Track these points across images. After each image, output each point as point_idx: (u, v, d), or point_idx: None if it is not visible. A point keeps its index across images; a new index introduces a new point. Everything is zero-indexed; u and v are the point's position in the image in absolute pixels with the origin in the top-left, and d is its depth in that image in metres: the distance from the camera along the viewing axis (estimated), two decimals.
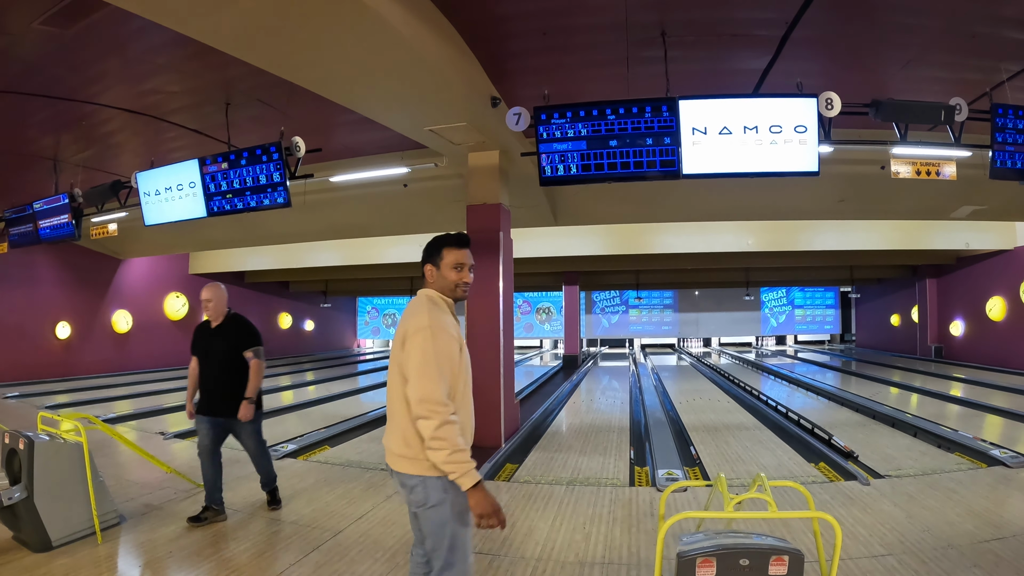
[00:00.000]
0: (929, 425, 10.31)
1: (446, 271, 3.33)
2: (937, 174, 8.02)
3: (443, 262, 3.34)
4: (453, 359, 3.17)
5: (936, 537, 5.43)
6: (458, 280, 3.34)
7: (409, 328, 3.15)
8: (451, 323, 3.28)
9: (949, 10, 7.11)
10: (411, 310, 3.28)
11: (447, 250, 3.35)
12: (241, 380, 6.19)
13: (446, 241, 3.38)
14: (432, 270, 3.37)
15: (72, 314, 19.54)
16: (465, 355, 3.32)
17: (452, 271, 3.33)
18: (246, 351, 6.32)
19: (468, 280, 3.38)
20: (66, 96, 9.30)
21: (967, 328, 22.71)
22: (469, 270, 3.39)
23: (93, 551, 5.24)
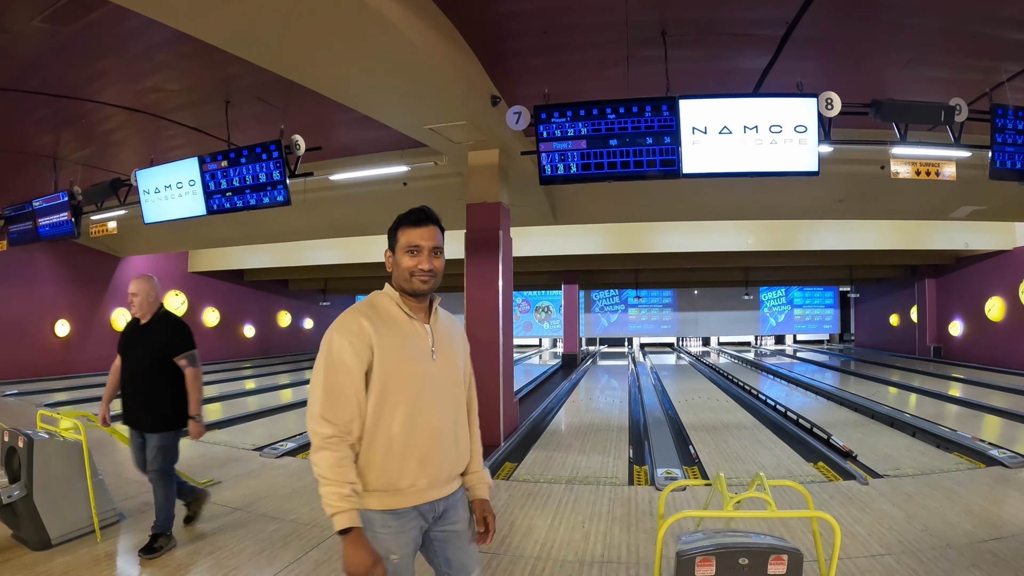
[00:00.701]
0: (928, 425, 10.31)
1: (400, 256, 2.70)
2: (937, 174, 8.02)
3: (398, 245, 2.73)
4: (350, 373, 2.45)
5: (934, 537, 5.43)
6: (412, 267, 2.67)
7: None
8: (377, 329, 2.55)
9: (949, 10, 7.11)
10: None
11: (401, 230, 2.74)
12: (162, 390, 5.33)
13: (401, 219, 2.78)
14: (389, 257, 2.79)
15: (71, 312, 19.54)
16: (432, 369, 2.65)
17: (406, 255, 2.69)
18: (178, 357, 5.43)
19: (426, 267, 2.67)
20: (66, 94, 9.31)
21: (966, 328, 22.71)
22: (430, 254, 2.70)
23: (92, 549, 5.24)
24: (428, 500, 2.60)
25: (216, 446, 9.26)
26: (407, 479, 2.53)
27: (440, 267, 2.76)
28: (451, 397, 2.75)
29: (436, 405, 2.63)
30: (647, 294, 36.12)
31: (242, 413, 12.45)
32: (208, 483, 7.15)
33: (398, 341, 2.59)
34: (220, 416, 12.22)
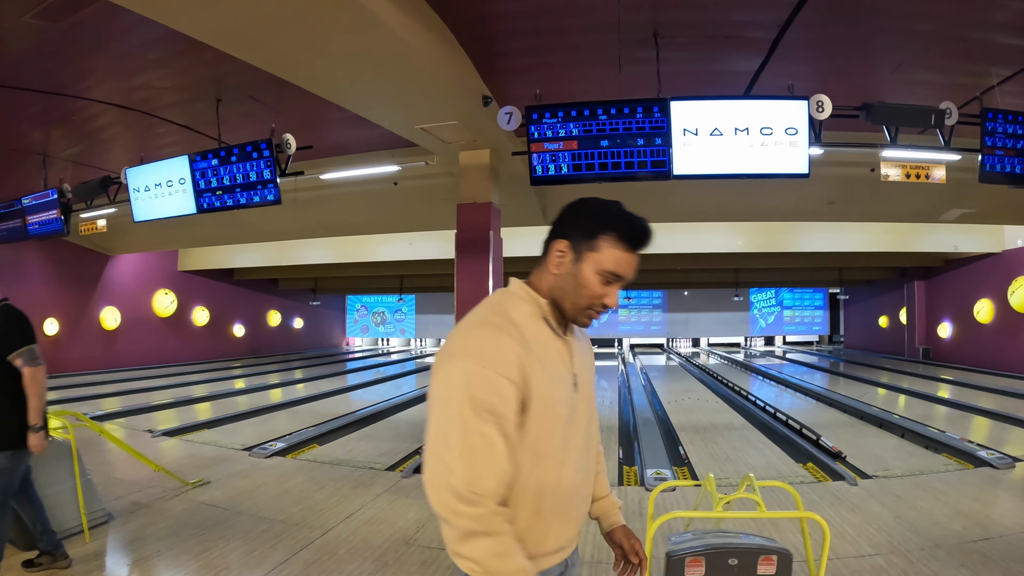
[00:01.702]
0: (917, 426, 10.35)
1: (589, 273, 1.92)
2: (927, 177, 8.05)
3: (594, 256, 1.92)
4: (501, 421, 1.74)
5: (923, 537, 5.46)
6: (597, 297, 1.94)
7: (439, 353, 1.85)
8: (528, 355, 1.82)
9: (940, 14, 7.14)
10: (479, 306, 1.99)
11: (608, 242, 1.92)
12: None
13: (617, 225, 1.93)
14: (566, 254, 1.95)
15: (60, 310, 19.43)
16: (575, 401, 1.99)
17: (597, 277, 1.92)
18: (12, 355, 4.62)
19: (612, 304, 1.99)
20: (56, 91, 9.26)
21: (955, 330, 22.80)
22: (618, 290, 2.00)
23: (81, 549, 5.22)
24: (563, 559, 2.03)
25: (205, 446, 9.25)
26: (552, 542, 1.96)
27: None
28: (593, 435, 2.17)
29: (580, 448, 2.02)
30: (637, 295, 36.14)
31: (231, 413, 12.42)
32: (197, 483, 7.13)
33: (550, 370, 1.90)
34: (209, 416, 12.19)
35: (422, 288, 31.15)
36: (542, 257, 2.05)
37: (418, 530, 5.77)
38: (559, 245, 1.97)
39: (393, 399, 14.89)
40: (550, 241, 2.00)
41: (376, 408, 13.27)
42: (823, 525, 3.06)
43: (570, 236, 1.95)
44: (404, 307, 38.18)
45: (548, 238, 2.01)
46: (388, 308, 38.59)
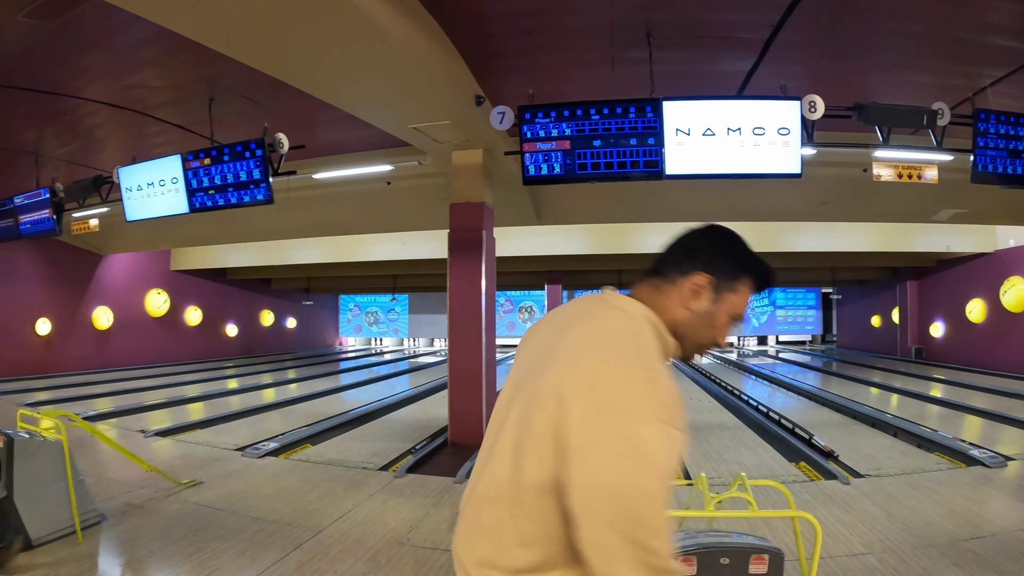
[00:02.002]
0: (909, 425, 10.38)
1: (724, 315, 1.78)
2: (919, 177, 8.09)
3: (733, 298, 1.77)
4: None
5: (916, 536, 5.47)
6: (721, 334, 1.80)
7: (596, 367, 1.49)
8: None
9: (933, 15, 7.16)
10: (601, 326, 1.61)
11: (746, 284, 1.80)
12: None
13: (758, 268, 1.82)
14: (706, 290, 1.74)
15: (53, 310, 19.36)
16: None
17: (728, 317, 1.78)
18: None
19: (722, 346, 2.01)
20: (49, 89, 9.23)
21: (947, 330, 22.88)
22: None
23: (74, 550, 5.20)
24: None
25: (198, 446, 9.23)
26: None
27: None
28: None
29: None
30: None
31: (224, 413, 12.39)
32: (190, 483, 7.11)
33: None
34: (202, 416, 12.16)
35: (415, 288, 31.15)
36: (662, 282, 1.77)
37: (411, 530, 5.76)
38: (699, 279, 1.73)
39: (386, 399, 14.88)
40: (685, 271, 1.74)
41: (369, 408, 13.26)
42: (815, 524, 3.07)
43: (714, 272, 1.74)
44: (397, 307, 38.19)
45: (680, 266, 1.75)
46: (381, 308, 38.60)
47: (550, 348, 1.61)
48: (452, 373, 10.08)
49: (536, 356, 1.65)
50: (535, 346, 1.72)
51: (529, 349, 1.75)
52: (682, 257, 1.77)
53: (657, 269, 1.79)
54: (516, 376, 1.70)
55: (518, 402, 1.58)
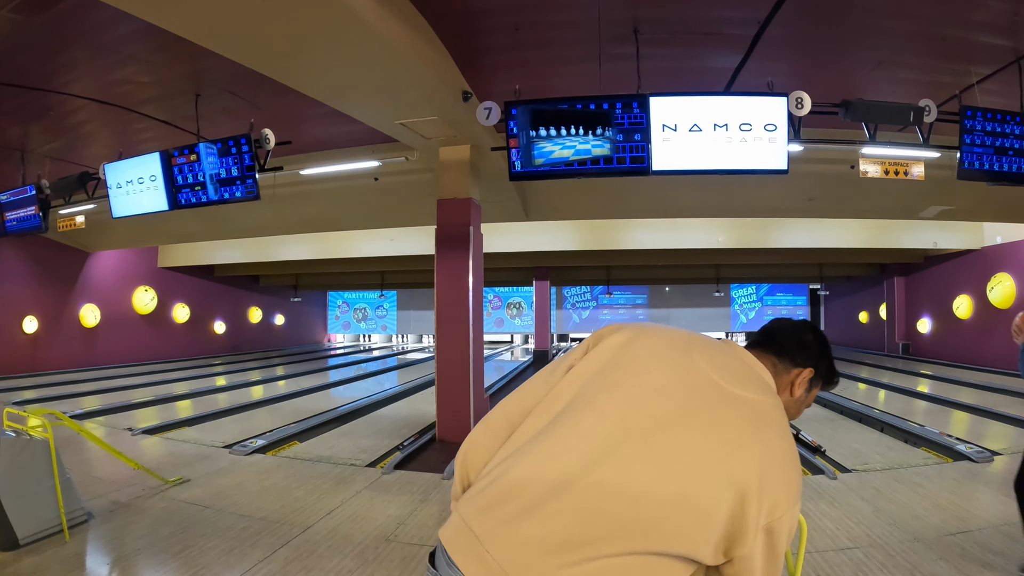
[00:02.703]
0: (896, 420, 10.42)
1: (808, 401, 2.03)
2: (906, 174, 8.13)
3: (815, 392, 2.03)
4: None
5: (903, 531, 5.49)
6: (796, 417, 2.01)
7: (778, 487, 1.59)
8: None
9: (920, 13, 7.20)
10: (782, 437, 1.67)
11: (818, 383, 2.02)
12: None
13: (835, 374, 2.07)
14: (807, 383, 1.97)
15: (39, 308, 19.23)
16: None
17: (805, 407, 2.04)
18: None
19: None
20: (35, 85, 9.17)
21: (934, 326, 22.99)
22: None
23: (61, 549, 5.17)
24: None
25: (185, 443, 9.18)
26: None
27: None
28: None
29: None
30: (619, 291, 36.19)
31: (212, 410, 12.33)
32: (177, 481, 7.08)
33: None
34: (190, 413, 12.11)
35: (403, 284, 31.15)
36: (780, 364, 1.95)
37: (398, 526, 5.76)
38: (808, 374, 1.97)
39: (374, 395, 14.84)
40: (800, 363, 1.96)
41: (357, 404, 13.22)
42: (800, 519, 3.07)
43: (816, 369, 1.98)
44: (386, 303, 38.13)
45: (795, 357, 1.96)
46: (369, 304, 38.54)
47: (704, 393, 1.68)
48: (440, 369, 10.07)
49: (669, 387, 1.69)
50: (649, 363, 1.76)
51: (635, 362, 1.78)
52: (798, 350, 1.96)
53: (778, 351, 1.96)
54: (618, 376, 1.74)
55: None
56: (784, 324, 2.02)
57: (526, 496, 1.56)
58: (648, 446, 1.57)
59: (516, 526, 1.53)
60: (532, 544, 1.50)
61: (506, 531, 1.54)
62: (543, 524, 1.51)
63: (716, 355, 1.80)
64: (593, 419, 1.64)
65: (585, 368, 1.78)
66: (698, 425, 1.60)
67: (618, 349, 1.80)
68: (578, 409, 1.68)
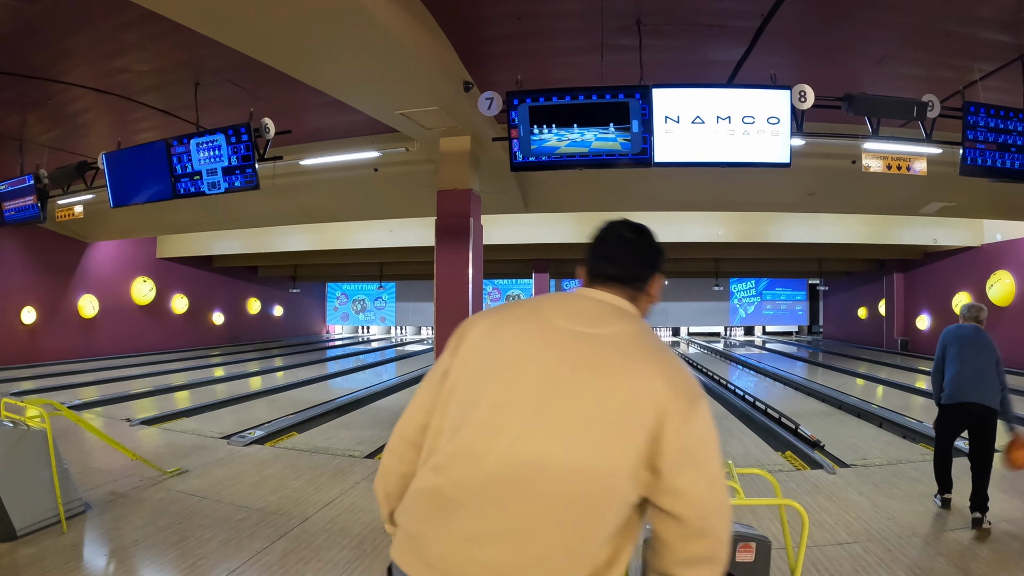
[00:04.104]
0: (895, 416, 10.43)
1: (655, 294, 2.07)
2: (908, 169, 8.09)
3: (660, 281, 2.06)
4: None
5: (901, 525, 5.49)
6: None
7: (689, 399, 1.65)
8: None
9: (923, 8, 7.17)
10: (662, 350, 1.77)
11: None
12: None
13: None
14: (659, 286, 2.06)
15: (37, 299, 19.18)
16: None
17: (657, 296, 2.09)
18: None
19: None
20: (33, 74, 9.13)
21: (933, 322, 23.00)
22: None
23: (58, 540, 5.15)
24: None
25: (183, 434, 9.17)
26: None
27: None
28: None
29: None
30: None
31: (210, 401, 12.34)
32: (175, 472, 7.07)
33: None
34: (188, 404, 12.11)
35: (402, 276, 31.14)
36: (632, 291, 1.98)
37: None
38: (660, 281, 2.03)
39: (373, 387, 14.86)
40: (647, 277, 1.99)
41: (356, 396, 13.23)
42: (802, 513, 3.06)
43: (661, 269, 2.03)
44: (384, 294, 38.15)
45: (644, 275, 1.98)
46: (368, 296, 38.59)
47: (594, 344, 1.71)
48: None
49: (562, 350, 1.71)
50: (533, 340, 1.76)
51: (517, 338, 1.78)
52: (644, 270, 1.98)
53: (623, 280, 1.96)
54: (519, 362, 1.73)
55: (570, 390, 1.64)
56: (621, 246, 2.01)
57: (457, 501, 1.61)
58: (545, 420, 1.61)
59: (453, 528, 1.60)
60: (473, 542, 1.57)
61: (446, 535, 1.60)
62: (476, 520, 1.58)
63: (570, 307, 1.86)
64: (486, 415, 1.67)
65: (461, 371, 1.79)
66: (579, 382, 1.64)
67: (483, 340, 1.82)
68: (470, 411, 1.69)
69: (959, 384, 5.72)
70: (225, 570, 4.63)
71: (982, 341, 5.84)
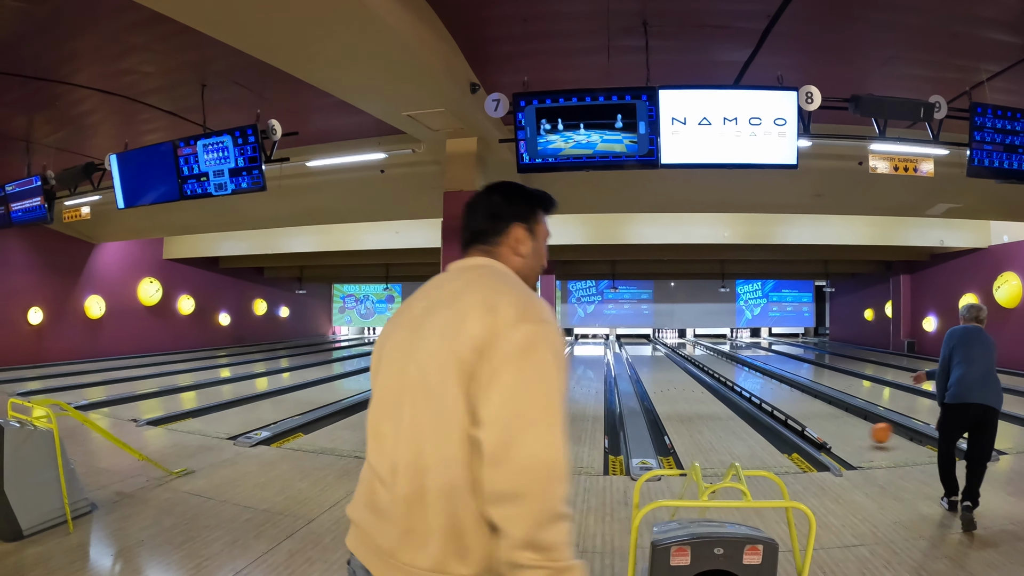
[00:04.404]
0: (901, 418, 10.41)
1: (543, 245, 2.06)
2: (915, 171, 8.08)
3: (541, 229, 2.04)
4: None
5: (907, 528, 5.48)
6: (545, 257, 2.08)
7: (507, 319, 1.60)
8: None
9: (929, 8, 7.16)
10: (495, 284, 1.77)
11: (543, 214, 2.07)
12: None
13: (543, 200, 2.08)
14: (525, 236, 1.99)
15: (44, 300, 19.24)
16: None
17: (544, 245, 2.07)
18: None
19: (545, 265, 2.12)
20: (39, 75, 9.16)
21: (940, 324, 22.93)
22: None
23: (65, 540, 5.17)
24: None
25: (189, 435, 9.19)
26: None
27: None
28: None
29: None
30: (624, 285, 36.17)
31: (216, 402, 12.34)
32: (181, 472, 7.08)
33: None
34: (194, 405, 12.12)
35: (408, 277, 31.15)
36: (488, 247, 1.99)
37: None
38: (519, 231, 1.99)
39: None
40: (502, 230, 1.97)
41: (361, 397, 13.22)
42: (809, 515, 3.05)
43: (523, 219, 2.00)
44: (391, 296, 38.18)
45: (496, 229, 1.98)
46: (374, 297, 38.59)
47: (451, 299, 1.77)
48: None
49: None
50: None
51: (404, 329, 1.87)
52: (491, 223, 1.98)
53: (474, 240, 2.02)
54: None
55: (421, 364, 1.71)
56: (472, 210, 2.06)
57: (379, 479, 1.76)
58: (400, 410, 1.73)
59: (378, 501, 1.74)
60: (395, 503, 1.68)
61: (374, 514, 1.74)
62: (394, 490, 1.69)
63: (429, 286, 1.95)
64: (378, 407, 1.84)
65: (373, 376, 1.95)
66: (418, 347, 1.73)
67: (381, 346, 1.94)
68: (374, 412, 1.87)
69: (966, 384, 5.77)
70: (231, 571, 4.63)
71: (987, 341, 5.93)
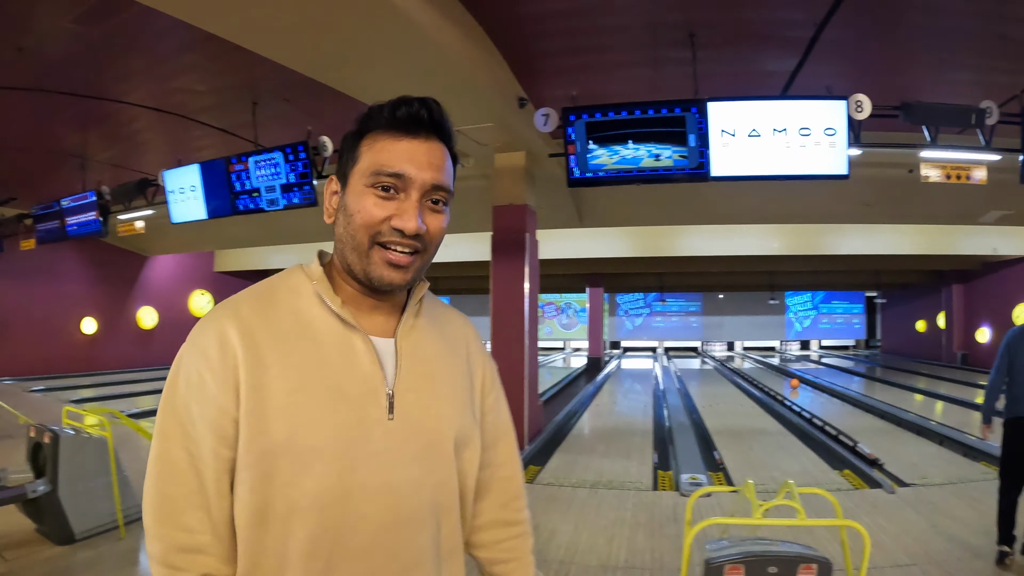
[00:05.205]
0: (955, 433, 10.18)
1: (356, 191, 1.29)
2: (967, 178, 7.92)
3: (357, 168, 1.31)
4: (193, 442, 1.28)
5: (961, 547, 5.37)
6: (379, 220, 1.26)
7: None
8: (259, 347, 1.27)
9: (977, 11, 7.02)
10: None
11: (369, 138, 1.32)
12: None
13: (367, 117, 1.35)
14: (334, 193, 1.38)
15: (98, 310, 19.69)
16: (379, 434, 1.24)
17: (369, 194, 1.27)
18: None
19: (405, 225, 1.26)
20: (94, 94, 9.38)
21: (994, 335, 22.40)
22: (422, 201, 1.33)
23: (116, 545, 5.27)
24: None
25: None
26: None
27: (437, 232, 1.39)
28: (422, 493, 1.29)
29: (385, 509, 1.23)
30: (672, 298, 35.95)
31: None
32: None
33: (307, 372, 1.24)
34: None
35: (455, 290, 31.22)
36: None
37: None
38: (332, 185, 1.38)
39: None
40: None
41: None
42: (864, 534, 3.01)
43: (338, 170, 1.38)
44: None
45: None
46: None
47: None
48: None
49: None
50: None
51: None
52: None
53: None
54: None
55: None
56: None
57: None
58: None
59: None
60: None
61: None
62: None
63: None
64: None
65: None
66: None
67: None
68: None
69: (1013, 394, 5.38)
70: None
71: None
